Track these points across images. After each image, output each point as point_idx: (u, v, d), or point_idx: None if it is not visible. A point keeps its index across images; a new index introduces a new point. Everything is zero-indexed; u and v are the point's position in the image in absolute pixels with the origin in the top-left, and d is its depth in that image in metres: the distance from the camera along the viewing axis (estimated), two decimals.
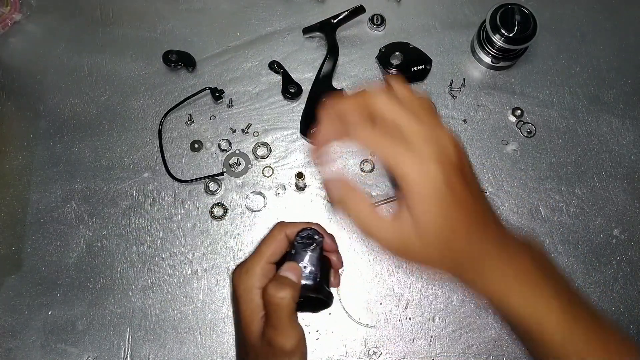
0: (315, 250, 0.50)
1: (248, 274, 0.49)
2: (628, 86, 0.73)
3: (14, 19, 0.75)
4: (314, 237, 0.51)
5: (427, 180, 0.40)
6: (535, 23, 0.67)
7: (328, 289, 0.52)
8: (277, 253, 0.50)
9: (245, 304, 0.49)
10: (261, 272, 0.49)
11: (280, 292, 0.46)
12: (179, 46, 0.73)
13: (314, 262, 0.50)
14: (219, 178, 0.69)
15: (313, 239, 0.50)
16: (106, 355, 0.63)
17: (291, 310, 0.47)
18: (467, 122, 0.71)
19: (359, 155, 0.70)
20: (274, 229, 0.51)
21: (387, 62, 0.71)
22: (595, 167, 0.69)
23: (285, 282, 0.47)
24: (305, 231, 0.51)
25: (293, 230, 0.51)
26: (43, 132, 0.71)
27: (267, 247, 0.50)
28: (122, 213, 0.68)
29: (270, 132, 0.71)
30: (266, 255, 0.50)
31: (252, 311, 0.48)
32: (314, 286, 0.49)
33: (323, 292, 0.50)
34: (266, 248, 0.50)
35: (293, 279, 0.48)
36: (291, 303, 0.47)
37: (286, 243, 0.51)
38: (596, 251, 0.66)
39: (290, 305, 0.47)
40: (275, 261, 0.50)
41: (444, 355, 0.63)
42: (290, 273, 0.48)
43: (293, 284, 0.48)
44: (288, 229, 0.51)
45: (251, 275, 0.49)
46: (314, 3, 0.76)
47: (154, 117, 0.71)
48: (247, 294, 0.49)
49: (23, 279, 0.66)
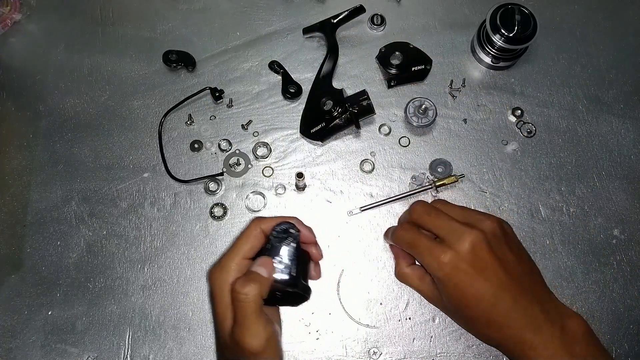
0: (290, 243, 0.49)
1: (222, 271, 0.48)
2: (628, 86, 0.73)
3: (14, 19, 0.75)
4: (290, 231, 0.50)
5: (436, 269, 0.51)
6: (535, 23, 0.67)
7: (306, 282, 0.52)
8: (253, 249, 0.50)
9: (219, 301, 0.47)
10: (236, 268, 0.48)
11: (245, 287, 0.45)
12: (179, 46, 0.73)
13: (290, 256, 0.49)
14: (219, 178, 0.69)
15: (289, 233, 0.50)
16: (106, 355, 0.63)
17: (257, 307, 0.45)
18: (467, 122, 0.71)
19: (359, 155, 0.70)
20: (249, 225, 0.51)
21: (387, 62, 0.71)
22: (595, 167, 0.69)
23: (252, 277, 0.46)
24: (281, 225, 0.50)
25: (269, 225, 0.50)
26: (43, 132, 0.71)
27: (243, 243, 0.50)
28: (122, 213, 0.68)
29: (270, 132, 0.71)
30: (242, 252, 0.49)
31: (225, 309, 0.47)
32: (290, 281, 0.48)
33: (299, 286, 0.50)
34: (242, 244, 0.49)
35: (263, 274, 0.47)
36: (257, 299, 0.45)
37: (262, 238, 0.50)
38: (596, 251, 0.66)
39: (256, 302, 0.45)
40: (251, 257, 0.49)
41: (444, 355, 0.63)
42: (261, 268, 0.47)
43: (261, 279, 0.47)
44: (264, 224, 0.50)
45: (226, 271, 0.48)
46: (314, 3, 0.76)
47: (154, 117, 0.71)
48: (221, 291, 0.47)
49: (23, 279, 0.66)
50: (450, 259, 0.50)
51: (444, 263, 0.50)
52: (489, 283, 0.49)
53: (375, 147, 0.70)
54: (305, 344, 0.63)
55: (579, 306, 0.64)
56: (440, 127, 0.71)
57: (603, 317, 0.64)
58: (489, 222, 0.52)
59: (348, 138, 0.71)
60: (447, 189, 0.68)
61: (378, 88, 0.72)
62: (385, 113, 0.71)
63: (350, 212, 0.68)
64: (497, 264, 0.50)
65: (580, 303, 0.65)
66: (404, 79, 0.72)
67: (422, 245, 0.53)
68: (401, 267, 0.59)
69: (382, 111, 0.71)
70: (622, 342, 0.63)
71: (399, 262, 0.59)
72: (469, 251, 0.49)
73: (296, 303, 0.53)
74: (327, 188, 0.69)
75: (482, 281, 0.49)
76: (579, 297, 0.65)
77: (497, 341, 0.51)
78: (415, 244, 0.53)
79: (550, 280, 0.65)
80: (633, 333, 0.63)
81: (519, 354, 0.49)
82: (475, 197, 0.68)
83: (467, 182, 0.69)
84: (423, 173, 0.69)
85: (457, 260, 0.50)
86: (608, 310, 0.64)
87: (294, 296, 0.51)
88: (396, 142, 0.70)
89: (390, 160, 0.70)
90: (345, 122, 0.69)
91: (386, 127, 0.71)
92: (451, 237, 0.51)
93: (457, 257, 0.49)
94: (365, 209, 0.68)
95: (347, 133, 0.70)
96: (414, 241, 0.54)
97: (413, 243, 0.54)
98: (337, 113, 0.67)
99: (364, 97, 0.67)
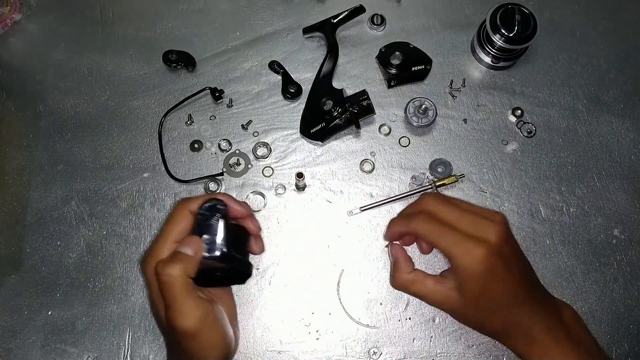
0: (217, 220, 0.47)
1: (152, 257, 0.47)
2: (628, 86, 0.73)
3: (14, 19, 0.75)
4: (217, 207, 0.48)
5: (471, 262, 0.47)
6: (535, 23, 0.67)
7: (243, 257, 0.50)
8: (182, 231, 0.48)
9: (152, 289, 0.46)
10: (167, 253, 0.47)
11: (167, 268, 0.44)
12: (179, 46, 0.73)
13: (219, 232, 0.47)
14: (219, 178, 0.69)
15: (216, 209, 0.48)
16: (106, 355, 0.63)
17: (184, 287, 0.44)
18: (467, 122, 0.71)
19: (359, 155, 0.70)
20: (175, 207, 0.49)
21: (387, 62, 0.71)
22: (595, 167, 0.69)
23: (175, 257, 0.45)
24: (207, 203, 0.48)
25: (196, 205, 0.49)
26: (43, 132, 0.71)
27: (171, 226, 0.48)
28: (122, 213, 0.68)
29: (270, 132, 0.71)
30: (170, 235, 0.47)
31: (157, 295, 0.46)
32: (222, 256, 0.47)
33: (234, 261, 0.48)
34: (170, 227, 0.48)
35: (189, 252, 0.45)
36: (182, 279, 0.44)
37: (191, 219, 0.49)
38: (596, 251, 0.66)
39: (181, 282, 0.44)
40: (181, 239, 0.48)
41: (444, 355, 0.63)
42: (185, 247, 0.46)
43: (185, 257, 0.45)
44: (191, 204, 0.49)
45: (155, 257, 0.46)
46: (314, 3, 0.76)
47: (154, 117, 0.71)
48: (152, 278, 0.46)
49: (23, 279, 0.66)
50: (484, 252, 0.46)
51: (478, 257, 0.46)
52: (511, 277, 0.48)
53: (375, 147, 0.70)
54: (305, 344, 0.63)
55: (579, 306, 0.64)
56: (440, 127, 0.71)
57: (603, 317, 0.64)
58: (500, 216, 0.49)
59: (348, 138, 0.71)
60: (447, 189, 0.68)
61: (378, 88, 0.72)
62: (385, 113, 0.71)
63: (350, 212, 0.68)
64: (517, 257, 0.50)
65: (580, 303, 0.64)
66: (404, 79, 0.72)
67: (451, 236, 0.47)
68: (402, 272, 0.52)
69: (382, 111, 0.71)
70: (622, 342, 0.63)
71: (401, 267, 0.53)
72: (497, 245, 0.47)
73: (242, 280, 0.52)
74: (327, 188, 0.69)
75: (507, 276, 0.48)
76: (579, 297, 0.65)
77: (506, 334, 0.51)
78: (442, 234, 0.48)
79: (550, 280, 0.65)
80: (633, 333, 0.63)
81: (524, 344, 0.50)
82: (475, 197, 0.68)
83: (467, 182, 0.69)
84: (423, 173, 0.69)
85: (490, 255, 0.46)
86: (608, 310, 0.64)
87: (234, 273, 0.49)
88: (396, 142, 0.70)
89: (390, 160, 0.70)
90: (345, 122, 0.69)
91: (386, 127, 0.71)
92: (478, 229, 0.47)
93: (490, 251, 0.46)
94: (365, 209, 0.68)
95: (347, 133, 0.70)
96: (440, 232, 0.48)
97: (440, 233, 0.48)
98: (337, 113, 0.67)
99: (364, 97, 0.67)
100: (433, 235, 0.49)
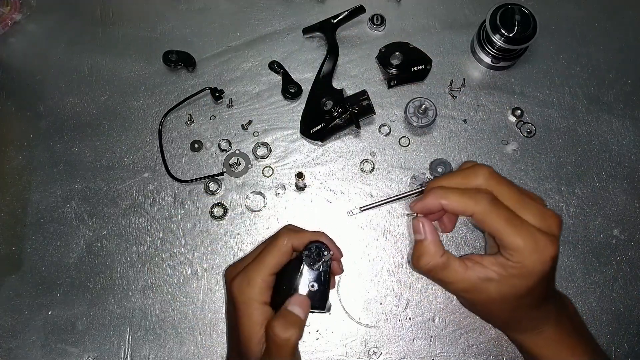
0: (324, 267, 0.47)
1: (250, 286, 0.47)
2: (628, 86, 0.73)
3: (14, 19, 0.75)
4: (323, 253, 0.48)
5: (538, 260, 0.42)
6: (535, 23, 0.67)
7: (329, 300, 0.50)
8: (280, 264, 0.48)
9: (245, 318, 0.46)
10: (263, 284, 0.47)
11: (286, 332, 0.44)
12: (179, 46, 0.73)
13: (322, 282, 0.47)
14: (219, 178, 0.69)
15: (322, 255, 0.48)
16: (106, 355, 0.63)
17: (294, 349, 0.45)
18: (467, 122, 0.71)
19: (359, 155, 0.70)
20: (279, 239, 0.48)
21: (387, 62, 0.71)
22: (595, 167, 0.69)
23: (292, 320, 0.45)
24: (314, 244, 0.48)
25: (301, 242, 0.48)
26: (43, 132, 0.71)
27: (272, 257, 0.47)
28: (122, 213, 0.68)
29: (270, 132, 0.71)
30: (269, 267, 0.47)
31: (251, 327, 0.46)
32: (319, 305, 0.47)
33: (326, 307, 0.48)
34: (271, 258, 0.47)
35: (301, 315, 0.45)
36: (296, 343, 0.44)
37: (291, 254, 0.48)
38: (596, 251, 0.66)
39: (295, 345, 0.44)
40: (277, 272, 0.48)
41: (444, 355, 0.63)
42: (298, 308, 0.46)
43: (300, 322, 0.45)
44: (295, 239, 0.48)
45: (253, 286, 0.46)
46: (314, 3, 0.76)
47: (154, 117, 0.71)
48: (247, 308, 0.46)
49: (23, 279, 0.66)
50: (555, 252, 0.41)
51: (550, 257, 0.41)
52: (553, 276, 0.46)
53: (375, 147, 0.70)
54: (305, 344, 0.63)
55: (579, 306, 0.64)
56: (440, 127, 0.71)
57: (603, 317, 0.64)
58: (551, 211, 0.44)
59: (348, 138, 0.71)
60: None
61: (378, 88, 0.72)
62: (385, 113, 0.71)
63: (350, 212, 0.68)
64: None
65: (580, 303, 0.65)
66: (404, 79, 0.72)
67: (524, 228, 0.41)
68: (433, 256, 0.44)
69: (382, 111, 0.71)
70: (622, 342, 0.63)
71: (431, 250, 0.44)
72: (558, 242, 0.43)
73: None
74: (327, 188, 0.69)
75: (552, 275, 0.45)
76: (579, 297, 0.65)
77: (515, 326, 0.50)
78: (511, 223, 0.41)
79: None
80: (633, 333, 0.63)
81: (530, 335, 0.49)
82: None
83: None
84: (423, 173, 0.69)
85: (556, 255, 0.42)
86: (608, 310, 0.64)
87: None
88: (396, 142, 0.70)
89: (390, 160, 0.70)
90: (345, 122, 0.69)
91: (386, 127, 0.71)
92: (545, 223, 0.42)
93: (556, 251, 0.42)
94: (365, 209, 0.67)
95: (347, 133, 0.70)
96: (509, 221, 0.41)
97: (509, 223, 0.41)
98: (337, 113, 0.67)
99: (364, 97, 0.67)
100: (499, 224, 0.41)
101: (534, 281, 0.42)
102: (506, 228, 0.41)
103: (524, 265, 0.42)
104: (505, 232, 0.41)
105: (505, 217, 0.41)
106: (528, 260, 0.41)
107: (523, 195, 0.43)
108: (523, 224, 0.41)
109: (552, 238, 0.42)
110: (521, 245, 0.41)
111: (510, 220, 0.41)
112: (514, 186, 0.44)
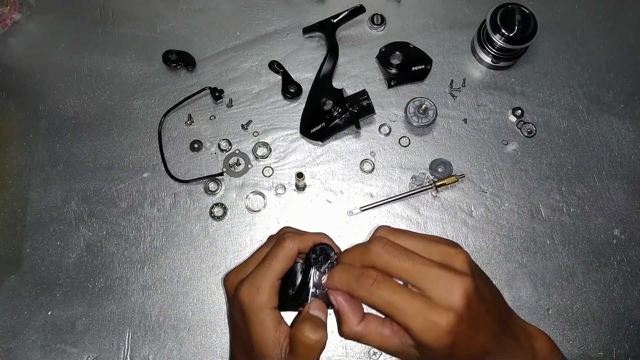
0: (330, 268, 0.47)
1: (259, 293, 0.46)
2: (628, 86, 0.72)
3: (14, 19, 0.75)
4: (329, 255, 0.48)
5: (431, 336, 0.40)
6: (536, 23, 0.67)
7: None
8: (287, 268, 0.48)
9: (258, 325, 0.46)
10: (271, 290, 0.46)
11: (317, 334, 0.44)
12: (179, 46, 0.73)
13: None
14: (219, 178, 0.69)
15: (328, 257, 0.48)
16: (106, 355, 0.63)
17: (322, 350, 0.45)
18: (468, 122, 0.71)
19: (359, 155, 0.70)
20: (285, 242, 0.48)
21: (387, 62, 0.71)
22: (595, 167, 0.69)
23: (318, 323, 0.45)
24: (319, 246, 0.48)
25: (306, 245, 0.48)
26: (43, 132, 0.71)
27: (279, 262, 0.47)
28: (122, 213, 0.68)
29: (270, 132, 0.71)
30: (277, 272, 0.47)
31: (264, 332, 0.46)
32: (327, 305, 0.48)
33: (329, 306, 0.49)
34: (278, 264, 0.47)
35: (323, 318, 0.46)
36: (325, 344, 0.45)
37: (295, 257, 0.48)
38: (596, 251, 0.66)
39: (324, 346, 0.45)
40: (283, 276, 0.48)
41: None
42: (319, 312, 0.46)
43: (325, 324, 0.45)
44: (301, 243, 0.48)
45: (262, 293, 0.46)
46: (314, 3, 0.76)
47: (154, 117, 0.71)
48: (259, 315, 0.46)
49: (23, 279, 0.66)
50: (449, 322, 0.39)
51: (443, 330, 0.39)
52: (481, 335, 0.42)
53: (375, 147, 0.70)
54: None
55: (579, 306, 0.64)
56: (441, 127, 0.71)
57: (603, 317, 0.64)
58: (462, 256, 0.42)
59: (348, 138, 0.70)
60: (447, 189, 0.68)
61: (378, 88, 0.72)
62: (385, 113, 0.71)
63: (350, 212, 0.68)
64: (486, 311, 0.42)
65: (580, 303, 0.64)
66: (404, 79, 0.72)
67: (408, 307, 0.40)
68: (351, 324, 0.44)
69: (382, 111, 0.71)
70: (622, 342, 0.63)
71: (348, 319, 0.44)
72: (465, 308, 0.40)
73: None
74: (327, 188, 0.69)
75: (476, 336, 0.42)
76: (579, 297, 0.65)
77: None
78: (396, 305, 0.40)
79: (550, 280, 0.65)
80: (633, 333, 0.63)
81: None
82: (475, 197, 0.68)
83: (467, 182, 0.69)
84: (423, 173, 0.69)
85: (457, 324, 0.40)
86: (608, 310, 0.64)
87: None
88: (396, 142, 0.70)
89: (390, 160, 0.70)
90: (345, 122, 0.69)
91: (386, 127, 0.71)
92: (438, 290, 0.40)
93: (456, 319, 0.39)
94: (365, 209, 0.68)
95: (347, 133, 0.70)
96: (394, 302, 0.41)
97: (394, 304, 0.41)
98: (337, 113, 0.67)
99: (364, 97, 0.67)
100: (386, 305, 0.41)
101: (437, 349, 0.40)
102: (388, 311, 0.41)
103: (422, 344, 0.41)
104: (392, 314, 0.41)
105: (388, 300, 0.41)
106: (423, 339, 0.40)
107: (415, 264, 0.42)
108: (408, 302, 0.40)
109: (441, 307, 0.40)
110: (408, 324, 0.40)
111: (393, 301, 0.41)
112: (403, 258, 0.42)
